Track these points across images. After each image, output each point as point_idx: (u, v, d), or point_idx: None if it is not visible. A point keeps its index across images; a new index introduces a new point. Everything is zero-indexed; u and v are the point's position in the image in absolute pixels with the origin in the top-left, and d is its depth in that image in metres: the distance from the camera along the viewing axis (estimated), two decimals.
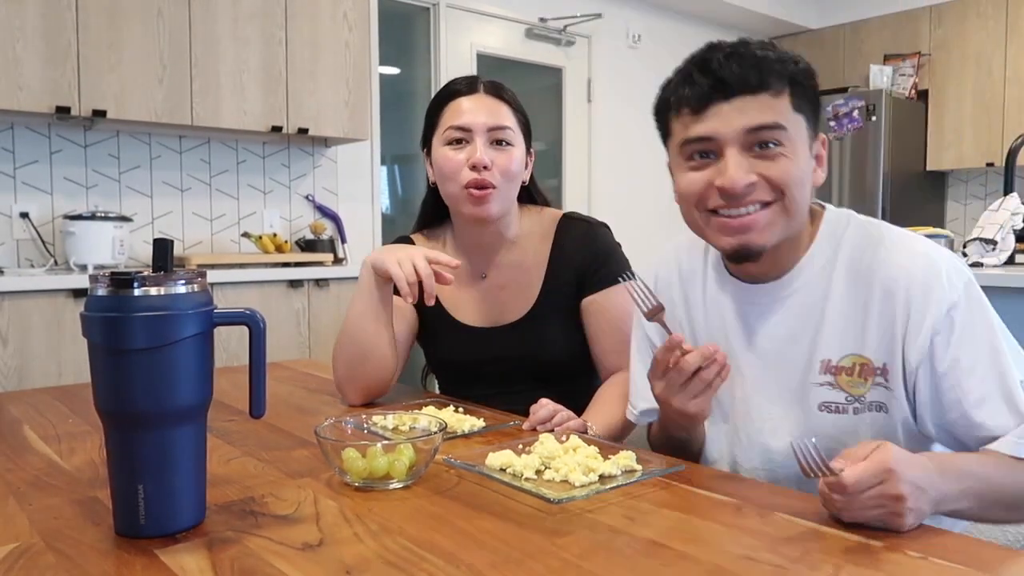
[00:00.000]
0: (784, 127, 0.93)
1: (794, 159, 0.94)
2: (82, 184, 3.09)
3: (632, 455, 0.97)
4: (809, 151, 0.97)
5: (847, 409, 0.98)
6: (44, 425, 1.22)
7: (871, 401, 0.97)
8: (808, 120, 0.96)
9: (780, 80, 0.93)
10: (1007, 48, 4.96)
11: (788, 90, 0.94)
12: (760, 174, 0.93)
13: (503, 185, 1.37)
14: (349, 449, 0.92)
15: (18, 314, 2.52)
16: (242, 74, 3.12)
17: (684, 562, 0.71)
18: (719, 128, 0.93)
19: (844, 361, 0.98)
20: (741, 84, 0.92)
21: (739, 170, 0.93)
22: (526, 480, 0.93)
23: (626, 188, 5.01)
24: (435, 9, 4.17)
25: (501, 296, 1.45)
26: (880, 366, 0.96)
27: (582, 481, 0.91)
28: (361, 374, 1.33)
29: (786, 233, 0.97)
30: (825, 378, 0.99)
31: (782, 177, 0.93)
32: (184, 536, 0.77)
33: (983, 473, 0.88)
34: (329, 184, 3.76)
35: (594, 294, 1.41)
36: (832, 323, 0.98)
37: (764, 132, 0.93)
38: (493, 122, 1.37)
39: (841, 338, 0.98)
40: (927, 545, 0.73)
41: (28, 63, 2.66)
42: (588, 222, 1.48)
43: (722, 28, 5.64)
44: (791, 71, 0.94)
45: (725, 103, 0.93)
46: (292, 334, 3.11)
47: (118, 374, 0.75)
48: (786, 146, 0.93)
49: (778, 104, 0.93)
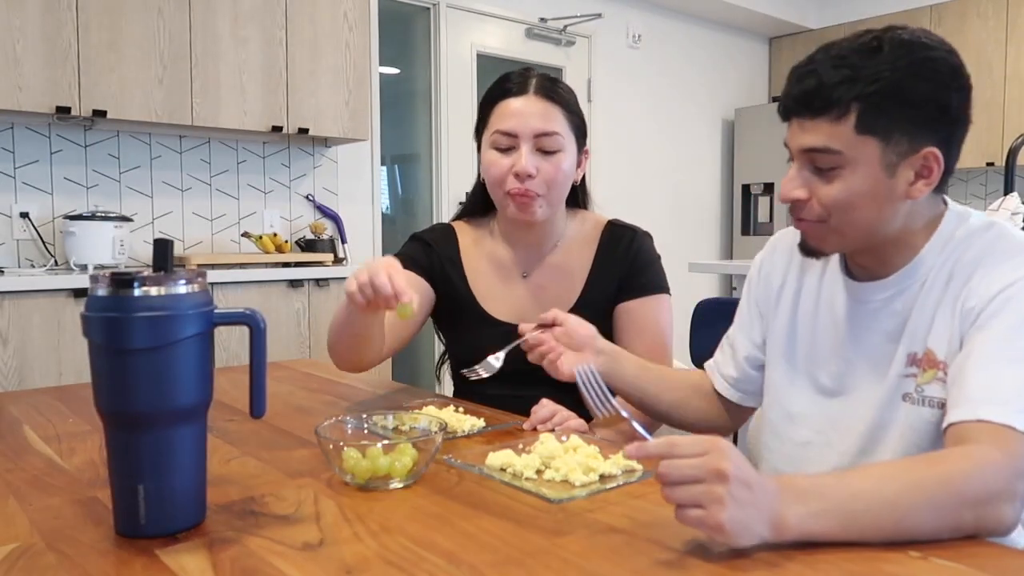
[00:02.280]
0: (837, 151, 0.92)
1: (850, 181, 0.93)
2: (82, 184, 3.09)
3: None
4: (882, 170, 0.93)
5: (922, 400, 0.96)
6: (44, 425, 1.22)
7: (928, 397, 0.96)
8: (889, 139, 0.91)
9: (843, 104, 0.90)
10: (1007, 48, 4.96)
11: (856, 111, 0.90)
12: (813, 193, 0.96)
13: (549, 193, 1.36)
14: (349, 449, 0.92)
15: (18, 314, 2.53)
16: (242, 74, 3.12)
17: (684, 562, 0.71)
18: (790, 141, 0.97)
19: (922, 353, 0.97)
20: (802, 107, 0.94)
21: (789, 183, 0.97)
22: (526, 480, 0.93)
23: (626, 188, 5.01)
24: (435, 9, 4.17)
25: (540, 296, 1.43)
26: (943, 359, 0.95)
27: (582, 481, 0.91)
28: (348, 358, 1.33)
29: (852, 246, 1.00)
30: (910, 370, 0.98)
31: (829, 200, 0.94)
32: (184, 536, 0.77)
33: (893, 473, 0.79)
34: (329, 184, 3.76)
35: (628, 301, 1.40)
36: (921, 317, 0.98)
37: (816, 155, 0.94)
38: (541, 128, 1.34)
39: (923, 331, 0.97)
40: (927, 545, 0.73)
41: (28, 63, 2.66)
42: (634, 230, 1.47)
43: (722, 28, 5.64)
44: (859, 93, 0.90)
45: (795, 119, 0.96)
46: (292, 334, 3.11)
47: (118, 374, 0.75)
48: (844, 168, 0.93)
49: (836, 129, 0.91)
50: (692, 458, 0.71)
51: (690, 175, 5.50)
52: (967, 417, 0.83)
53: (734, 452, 0.72)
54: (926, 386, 0.96)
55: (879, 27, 0.95)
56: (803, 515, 0.72)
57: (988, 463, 0.78)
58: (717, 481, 0.70)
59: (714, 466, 0.70)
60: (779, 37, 5.95)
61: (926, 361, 0.96)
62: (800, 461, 1.10)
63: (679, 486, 0.71)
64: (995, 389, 0.84)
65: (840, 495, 0.74)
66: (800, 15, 5.71)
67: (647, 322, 1.40)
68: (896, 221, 0.97)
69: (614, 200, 4.91)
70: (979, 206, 5.25)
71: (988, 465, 0.78)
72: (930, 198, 0.99)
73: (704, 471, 0.70)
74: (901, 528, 0.73)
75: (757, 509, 0.71)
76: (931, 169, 0.95)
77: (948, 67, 0.92)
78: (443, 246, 1.48)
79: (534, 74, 1.40)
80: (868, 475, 0.79)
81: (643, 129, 5.17)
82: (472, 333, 1.44)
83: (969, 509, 0.76)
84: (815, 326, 1.10)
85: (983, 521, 0.76)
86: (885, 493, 0.75)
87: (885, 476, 0.77)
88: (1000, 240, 0.96)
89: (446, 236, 1.50)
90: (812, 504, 0.73)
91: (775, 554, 0.71)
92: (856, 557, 0.71)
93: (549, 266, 1.45)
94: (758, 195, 5.55)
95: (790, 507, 0.72)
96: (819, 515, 0.72)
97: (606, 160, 4.92)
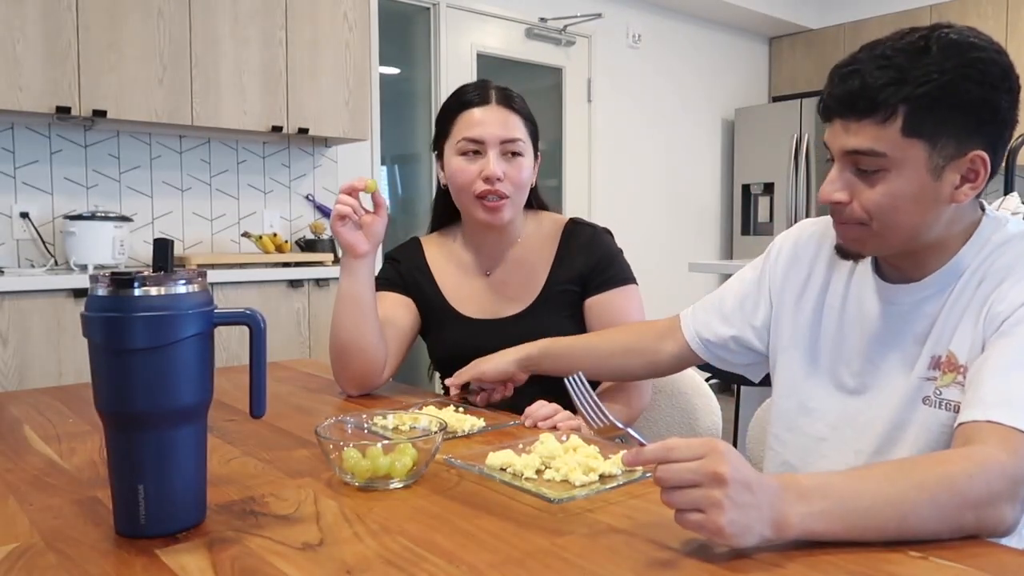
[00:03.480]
0: (881, 153, 0.90)
1: (895, 184, 0.91)
2: (82, 184, 3.09)
3: None
4: (928, 173, 0.91)
5: (940, 404, 0.96)
6: (44, 425, 1.22)
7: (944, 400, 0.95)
8: (932, 142, 0.90)
9: (888, 107, 0.89)
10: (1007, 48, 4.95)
11: (903, 114, 0.89)
12: (855, 195, 0.94)
13: (515, 194, 1.44)
14: (349, 449, 0.92)
15: (18, 314, 2.52)
16: (242, 74, 3.12)
17: (684, 562, 0.71)
18: (830, 141, 0.96)
19: (944, 356, 0.96)
20: (845, 108, 0.92)
21: (830, 184, 0.96)
22: (526, 480, 0.93)
23: (626, 188, 5.01)
24: (435, 9, 4.17)
25: (504, 291, 1.50)
26: (963, 364, 0.94)
27: (582, 480, 0.91)
28: (347, 365, 1.39)
29: (894, 249, 0.98)
30: (931, 373, 0.97)
31: (871, 203, 0.93)
32: (184, 536, 0.77)
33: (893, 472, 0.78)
34: (329, 184, 3.75)
35: (596, 295, 1.46)
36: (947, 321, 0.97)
37: (860, 157, 0.92)
38: (506, 135, 1.42)
39: (947, 335, 0.97)
40: (927, 545, 0.73)
41: (28, 63, 2.66)
42: (593, 228, 1.53)
43: (722, 28, 5.64)
44: (907, 95, 0.88)
45: (838, 119, 0.94)
46: (292, 334, 3.11)
47: (118, 374, 0.75)
48: (890, 171, 0.91)
49: (882, 131, 0.90)
50: (689, 462, 0.71)
51: (690, 175, 5.50)
52: (977, 417, 0.83)
53: (732, 454, 0.71)
54: (944, 389, 0.95)
55: (924, 25, 0.93)
56: (805, 514, 0.72)
57: (992, 464, 0.77)
58: (715, 485, 0.69)
59: (711, 469, 0.69)
60: (779, 37, 5.95)
61: (947, 364, 0.96)
62: (814, 455, 1.09)
63: (677, 491, 0.71)
64: (1008, 393, 0.83)
65: (843, 494, 0.74)
66: (800, 15, 5.71)
67: (617, 314, 1.45)
68: (939, 226, 0.96)
69: (614, 200, 4.94)
70: None
71: (992, 466, 0.77)
72: (971, 202, 0.97)
73: (701, 475, 0.70)
74: (904, 528, 0.73)
75: (758, 510, 0.70)
76: (977, 172, 0.93)
77: (998, 69, 0.90)
78: (410, 258, 1.57)
79: (492, 85, 1.47)
80: (871, 475, 0.78)
81: (643, 129, 5.17)
82: (446, 331, 1.51)
83: (971, 510, 0.75)
84: (841, 323, 1.09)
85: (984, 522, 0.76)
86: (888, 493, 0.74)
87: (888, 476, 0.77)
88: None
89: (412, 249, 1.59)
90: (815, 503, 0.72)
91: (776, 554, 0.71)
92: (857, 557, 0.71)
93: (510, 263, 1.52)
94: (758, 195, 5.55)
95: (792, 506, 0.72)
96: (822, 514, 0.72)
97: (606, 160, 4.92)
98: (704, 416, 1.49)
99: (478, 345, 1.45)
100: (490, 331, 1.46)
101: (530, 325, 1.44)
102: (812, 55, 5.74)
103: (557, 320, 1.45)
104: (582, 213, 4.72)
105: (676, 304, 1.49)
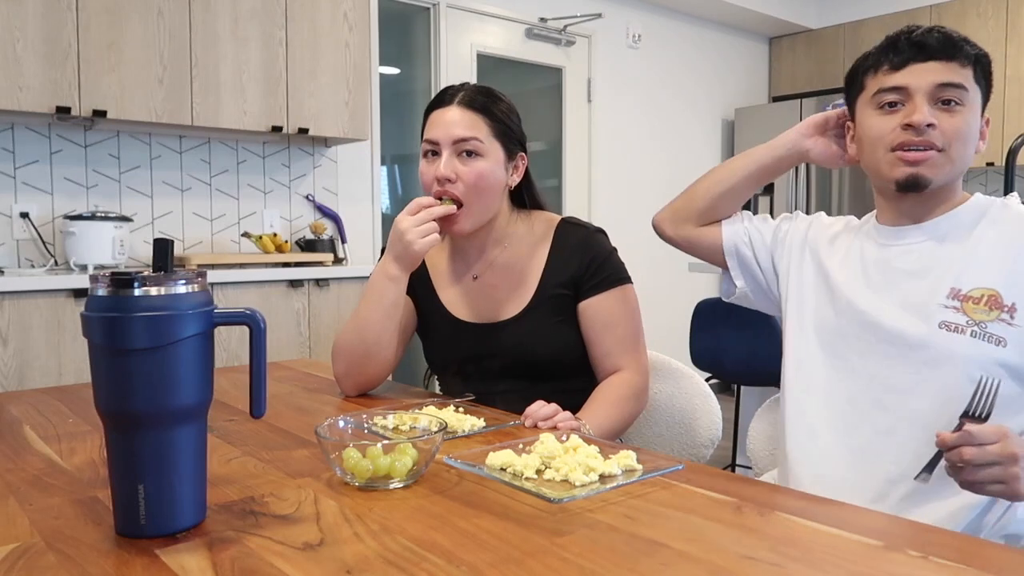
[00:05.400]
0: (967, 89, 1.13)
1: (968, 118, 1.13)
2: (82, 184, 3.09)
3: (632, 455, 0.97)
4: (979, 119, 1.16)
5: (966, 331, 1.08)
6: (44, 425, 1.22)
7: (991, 333, 1.07)
8: (983, 95, 1.16)
9: (968, 56, 1.13)
10: (1007, 48, 4.96)
11: (973, 66, 1.14)
12: (939, 123, 1.11)
13: (471, 197, 1.38)
14: (349, 449, 0.92)
15: (18, 314, 2.52)
16: (242, 74, 3.12)
17: (684, 562, 0.71)
18: (913, 80, 1.13)
19: (974, 292, 1.09)
20: (938, 51, 1.12)
21: (925, 111, 1.12)
22: (526, 480, 0.93)
23: (626, 188, 5.01)
24: (435, 9, 4.17)
25: (494, 294, 1.47)
26: (1010, 304, 1.07)
27: (582, 481, 0.91)
28: (362, 370, 1.40)
29: (949, 179, 1.14)
30: (951, 303, 1.10)
31: (956, 129, 1.12)
32: (184, 536, 0.77)
33: None
34: (329, 184, 3.76)
35: (591, 298, 1.43)
36: (972, 258, 1.12)
37: (950, 90, 1.12)
38: (458, 134, 1.37)
39: (979, 272, 1.10)
40: (927, 545, 0.73)
41: (28, 63, 2.66)
42: (586, 228, 1.49)
43: (722, 28, 5.64)
44: (976, 53, 1.15)
45: (921, 64, 1.13)
46: (292, 334, 3.11)
47: (118, 374, 0.75)
48: (965, 107, 1.13)
49: (964, 72, 1.13)
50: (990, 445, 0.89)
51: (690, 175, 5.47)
52: None
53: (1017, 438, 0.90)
54: (990, 324, 1.07)
55: None
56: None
57: None
58: (1012, 463, 0.89)
59: (1010, 451, 0.89)
60: (779, 37, 5.95)
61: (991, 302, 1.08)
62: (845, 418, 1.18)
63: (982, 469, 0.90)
64: None
65: None
66: (800, 15, 5.71)
67: (614, 315, 1.42)
68: None
69: (614, 200, 4.94)
70: None
71: None
72: None
73: (1001, 455, 0.89)
74: None
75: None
76: (985, 132, 1.19)
77: None
78: None
79: (465, 87, 1.44)
80: None
81: (643, 129, 5.17)
82: (439, 332, 1.51)
83: None
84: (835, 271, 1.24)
85: None
86: None
87: None
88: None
89: None
90: None
91: (776, 554, 0.71)
92: (857, 557, 0.71)
93: (498, 266, 1.48)
94: (758, 195, 5.55)
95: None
96: None
97: (606, 160, 4.92)
98: (704, 416, 1.49)
99: (472, 349, 1.45)
100: (483, 335, 1.45)
101: (524, 330, 1.42)
102: (812, 55, 5.74)
103: (551, 325, 1.43)
104: (582, 213, 4.72)
105: (676, 304, 1.50)
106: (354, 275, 3.28)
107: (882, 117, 1.16)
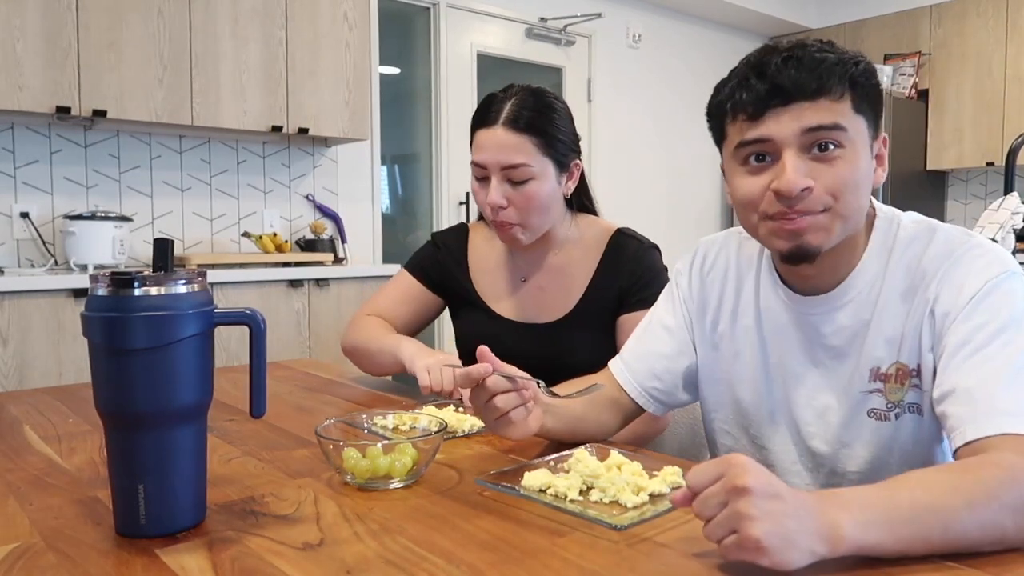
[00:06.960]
0: (843, 127, 0.90)
1: (853, 162, 0.91)
2: (82, 184, 3.09)
3: (678, 470, 0.91)
4: (870, 151, 0.94)
5: (889, 416, 0.97)
6: (44, 425, 1.22)
7: (908, 403, 0.96)
8: (869, 121, 0.93)
9: (840, 83, 0.89)
10: (1007, 47, 4.96)
11: (849, 93, 0.90)
12: (817, 179, 0.90)
13: (526, 219, 1.39)
14: (349, 449, 0.92)
15: (18, 314, 2.52)
16: (242, 74, 3.12)
17: (684, 561, 0.71)
18: (777, 131, 0.90)
19: (890, 368, 0.97)
20: (799, 90, 0.89)
21: (796, 173, 0.89)
22: (571, 502, 0.85)
23: (626, 188, 5.01)
24: (435, 9, 4.17)
25: (539, 296, 1.48)
26: (914, 367, 0.95)
27: (634, 502, 0.84)
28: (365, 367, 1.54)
29: (842, 236, 0.94)
30: (874, 385, 0.98)
31: (839, 182, 0.90)
32: (184, 536, 0.77)
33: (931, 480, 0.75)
34: (329, 184, 3.76)
35: (631, 313, 1.40)
36: (882, 330, 0.97)
37: (823, 132, 0.89)
38: (507, 160, 1.35)
39: (889, 345, 0.97)
40: None
41: (28, 63, 2.66)
42: (640, 241, 1.48)
43: (722, 28, 5.64)
44: (851, 73, 0.90)
45: (782, 109, 0.90)
46: (292, 334, 3.11)
47: (118, 374, 0.75)
48: (846, 148, 0.90)
49: (838, 107, 0.90)
50: (711, 486, 0.67)
51: (690, 175, 5.50)
52: (988, 432, 0.81)
53: (751, 464, 0.66)
54: (906, 394, 0.96)
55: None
56: (858, 523, 0.67)
57: (1020, 469, 0.75)
58: (738, 497, 0.64)
59: (731, 484, 0.65)
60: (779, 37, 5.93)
61: (898, 375, 0.96)
62: None
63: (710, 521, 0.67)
64: (1011, 403, 0.82)
65: (884, 504, 0.69)
66: (800, 15, 5.71)
67: None
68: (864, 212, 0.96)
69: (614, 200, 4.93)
70: (979, 206, 5.26)
71: (1021, 471, 0.74)
72: None
73: (724, 493, 0.66)
74: (948, 538, 0.70)
75: (796, 520, 0.64)
76: (883, 156, 0.97)
77: None
78: (451, 245, 1.58)
79: (510, 96, 1.39)
80: (904, 484, 0.73)
81: (643, 129, 5.17)
82: (476, 326, 1.52)
83: (1009, 515, 0.71)
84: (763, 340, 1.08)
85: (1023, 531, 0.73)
86: (926, 500, 0.70)
87: (922, 483, 0.74)
88: (949, 242, 0.95)
89: (457, 235, 1.59)
90: (861, 513, 0.67)
91: None
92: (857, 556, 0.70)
93: (549, 269, 1.48)
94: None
95: (840, 515, 0.67)
96: (871, 524, 0.67)
97: (606, 160, 4.92)
98: None
99: (508, 345, 1.42)
100: (521, 335, 1.45)
101: (563, 335, 1.42)
102: None
103: (588, 334, 1.42)
104: None
105: None
106: (354, 275, 3.28)
107: (749, 177, 0.94)
